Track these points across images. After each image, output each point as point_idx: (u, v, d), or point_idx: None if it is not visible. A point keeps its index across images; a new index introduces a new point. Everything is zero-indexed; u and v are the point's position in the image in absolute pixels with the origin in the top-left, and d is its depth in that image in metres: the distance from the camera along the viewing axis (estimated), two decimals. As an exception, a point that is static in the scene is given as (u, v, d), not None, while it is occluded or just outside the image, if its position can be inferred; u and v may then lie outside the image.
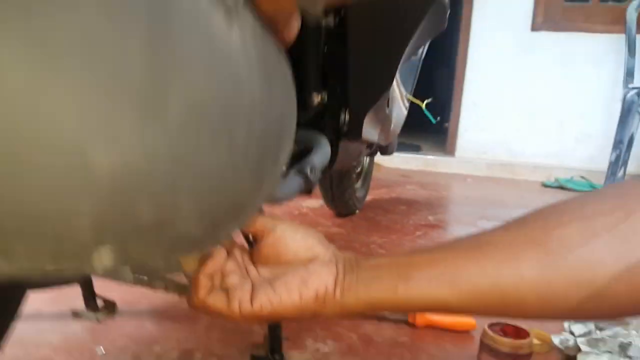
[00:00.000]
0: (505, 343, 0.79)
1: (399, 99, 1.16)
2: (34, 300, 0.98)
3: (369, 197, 2.18)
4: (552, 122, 3.32)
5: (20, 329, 0.87)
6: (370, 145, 1.13)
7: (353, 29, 0.66)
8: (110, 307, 0.94)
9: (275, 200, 0.55)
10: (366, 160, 2.05)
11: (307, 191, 0.87)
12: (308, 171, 0.59)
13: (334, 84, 0.70)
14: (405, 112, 1.39)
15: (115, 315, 0.94)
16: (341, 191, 1.73)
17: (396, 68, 0.68)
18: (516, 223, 0.46)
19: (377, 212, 2.04)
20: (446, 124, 3.80)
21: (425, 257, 0.46)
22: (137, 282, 0.87)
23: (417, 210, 2.13)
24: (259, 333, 0.91)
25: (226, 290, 0.45)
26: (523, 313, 0.43)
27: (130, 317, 0.95)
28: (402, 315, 1.02)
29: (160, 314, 0.97)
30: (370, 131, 0.85)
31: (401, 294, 0.44)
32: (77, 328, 0.89)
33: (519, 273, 0.41)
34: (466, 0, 3.37)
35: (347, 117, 0.73)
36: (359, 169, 1.97)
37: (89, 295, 0.92)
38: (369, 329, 0.98)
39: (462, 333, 0.99)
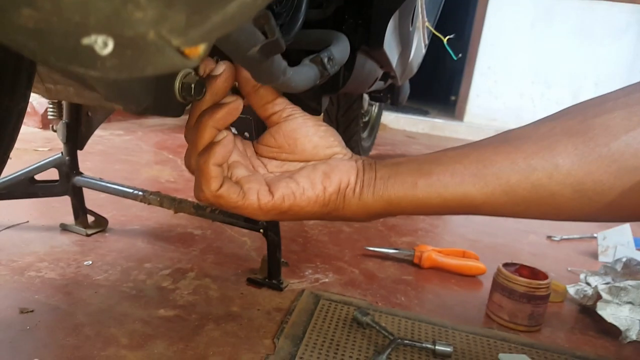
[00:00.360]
0: (522, 282, 0.74)
1: (421, 28, 1.08)
2: (22, 213, 0.92)
3: (373, 152, 2.12)
4: (565, 92, 3.22)
5: (4, 237, 0.83)
6: (385, 76, 1.05)
7: None
8: (100, 222, 0.89)
9: (292, 89, 0.48)
10: (374, 110, 1.97)
11: (317, 110, 0.80)
12: (325, 59, 0.52)
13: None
14: (423, 51, 1.30)
15: (106, 233, 0.89)
16: (347, 138, 1.66)
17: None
18: (549, 117, 0.42)
19: (382, 165, 1.98)
20: (453, 97, 3.69)
21: (448, 153, 0.42)
22: (132, 196, 0.82)
23: (423, 166, 2.06)
24: (256, 260, 0.86)
25: (238, 183, 0.40)
26: (556, 210, 0.38)
27: (121, 235, 0.89)
28: (407, 256, 0.97)
29: (153, 236, 0.92)
30: (391, 46, 0.77)
31: (421, 190, 0.40)
32: (64, 240, 0.84)
33: (553, 163, 0.36)
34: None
35: (370, 18, 0.65)
36: (366, 118, 1.90)
37: (80, 209, 0.87)
38: (371, 266, 0.93)
39: (471, 277, 0.94)
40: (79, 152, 0.83)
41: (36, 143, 1.55)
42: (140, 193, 0.80)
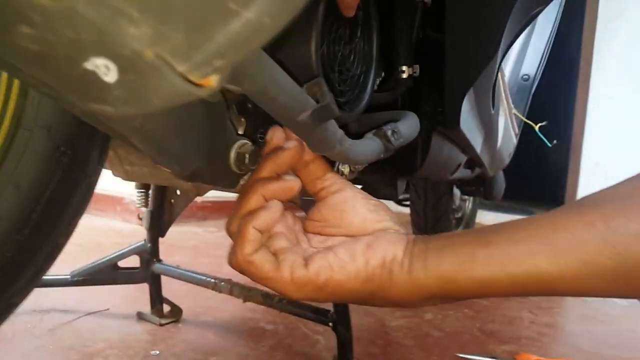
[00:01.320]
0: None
1: (507, 115, 1.02)
2: (103, 299, 0.96)
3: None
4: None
5: (81, 323, 0.85)
6: (471, 163, 0.99)
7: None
8: (175, 312, 0.88)
9: (351, 161, 0.45)
10: (468, 206, 1.86)
11: (392, 195, 0.76)
12: (389, 133, 0.49)
13: (428, 57, 0.61)
14: (515, 140, 1.23)
15: (179, 323, 0.88)
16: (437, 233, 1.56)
17: (501, 34, 0.57)
18: (633, 177, 0.34)
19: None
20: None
21: (512, 223, 0.35)
22: (205, 283, 0.81)
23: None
24: (327, 359, 0.77)
25: (274, 253, 0.36)
26: None
27: (193, 326, 0.88)
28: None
29: (225, 328, 0.88)
30: (470, 128, 0.73)
31: (480, 263, 0.33)
32: (138, 329, 0.84)
33: None
34: (584, 56, 3.12)
35: (442, 98, 0.63)
36: (459, 214, 1.78)
37: (156, 297, 0.88)
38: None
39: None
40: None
41: (135, 238, 1.68)
42: (212, 280, 0.79)
